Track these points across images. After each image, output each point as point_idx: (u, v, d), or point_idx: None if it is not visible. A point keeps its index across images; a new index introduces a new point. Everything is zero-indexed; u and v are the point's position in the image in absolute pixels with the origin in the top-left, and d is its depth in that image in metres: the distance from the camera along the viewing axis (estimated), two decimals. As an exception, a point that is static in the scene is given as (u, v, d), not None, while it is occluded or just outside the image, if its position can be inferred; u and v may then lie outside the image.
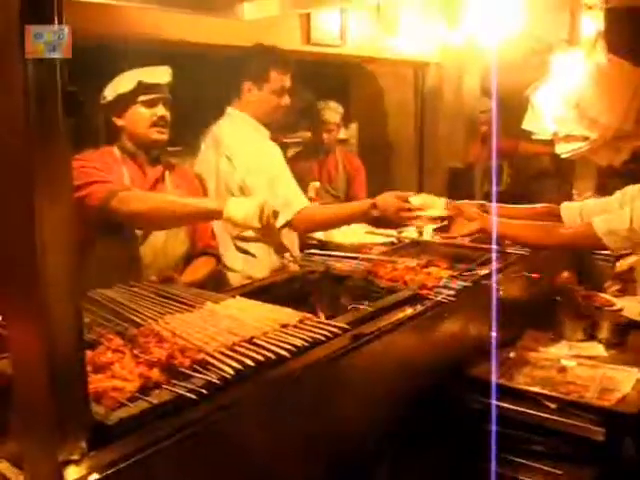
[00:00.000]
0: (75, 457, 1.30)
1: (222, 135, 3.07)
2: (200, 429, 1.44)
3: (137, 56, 2.71)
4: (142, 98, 2.61)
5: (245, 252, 3.05)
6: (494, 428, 2.25)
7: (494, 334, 2.43)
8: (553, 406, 2.23)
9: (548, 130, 3.84)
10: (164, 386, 1.50)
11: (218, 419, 1.49)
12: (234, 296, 2.08)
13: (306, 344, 1.72)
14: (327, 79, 4.37)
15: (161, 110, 2.65)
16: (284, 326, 1.82)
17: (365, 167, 4.57)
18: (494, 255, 2.71)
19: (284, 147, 4.97)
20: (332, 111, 4.40)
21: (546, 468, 2.21)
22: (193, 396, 1.46)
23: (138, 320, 1.86)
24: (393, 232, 3.32)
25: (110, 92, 2.63)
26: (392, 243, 3.29)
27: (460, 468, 2.24)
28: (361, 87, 4.89)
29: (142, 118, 2.63)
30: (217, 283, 2.75)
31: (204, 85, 3.39)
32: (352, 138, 5.05)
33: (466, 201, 3.08)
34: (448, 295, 2.25)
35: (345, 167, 4.58)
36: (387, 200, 2.71)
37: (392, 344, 2.03)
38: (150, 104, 2.63)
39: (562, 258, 3.19)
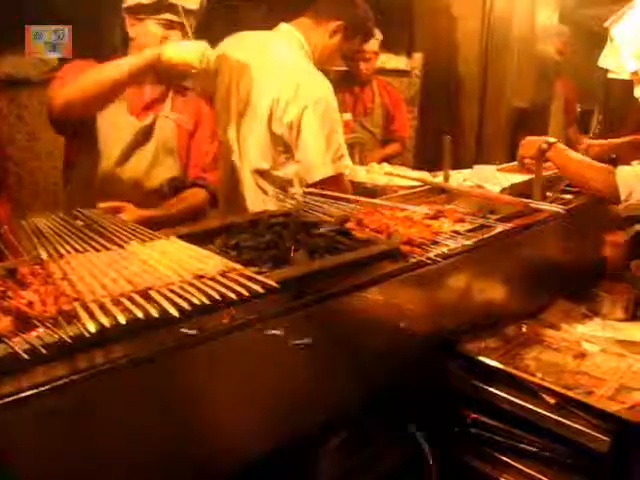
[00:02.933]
0: None
1: (273, 51, 2.81)
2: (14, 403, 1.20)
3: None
4: (159, 16, 2.38)
5: (264, 192, 2.79)
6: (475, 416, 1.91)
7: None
8: (552, 401, 1.85)
9: (627, 68, 3.25)
10: (4, 339, 1.27)
11: (42, 393, 1.23)
12: (169, 237, 1.81)
13: (207, 303, 1.43)
14: (387, 2, 3.92)
15: (177, 35, 2.41)
16: (199, 277, 1.53)
17: (429, 101, 4.13)
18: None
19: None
20: None
21: (531, 472, 1.85)
22: (26, 357, 1.22)
23: (42, 255, 1.64)
24: (417, 174, 2.94)
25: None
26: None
27: (434, 457, 1.92)
28: (427, 13, 4.37)
29: (153, 37, 2.41)
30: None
31: None
32: (415, 69, 4.57)
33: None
34: (436, 255, 1.88)
35: (383, 100, 4.15)
36: None
37: (342, 310, 1.71)
38: (166, 25, 2.40)
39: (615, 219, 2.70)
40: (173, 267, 1.58)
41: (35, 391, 1.22)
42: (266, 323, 1.52)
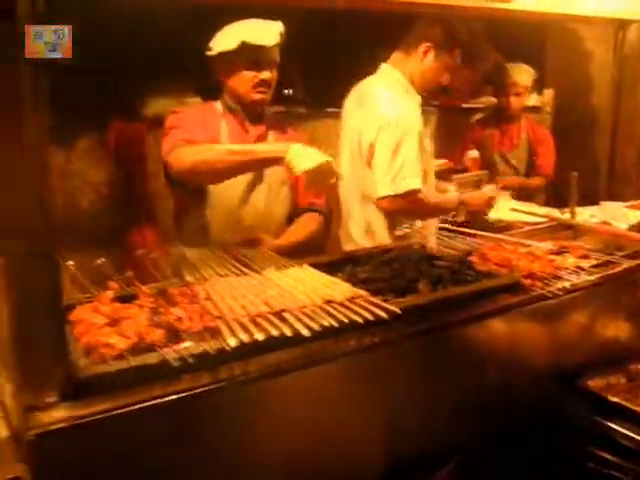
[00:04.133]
0: (43, 403, 1.30)
1: (368, 91, 2.92)
2: (170, 403, 1.37)
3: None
4: (245, 60, 2.51)
5: (370, 229, 2.89)
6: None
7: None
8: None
9: None
10: (157, 349, 1.45)
11: (190, 397, 1.39)
12: (301, 265, 1.96)
13: (336, 325, 1.56)
14: (520, 40, 3.96)
15: (265, 74, 2.53)
16: (328, 302, 1.67)
17: (560, 136, 4.10)
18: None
19: (467, 113, 4.67)
20: (523, 73, 4.01)
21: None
22: (175, 364, 1.39)
23: (189, 279, 1.83)
24: (544, 210, 2.94)
25: (214, 46, 2.57)
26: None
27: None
28: (559, 50, 4.36)
29: (244, 79, 2.54)
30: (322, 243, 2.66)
31: (353, 43, 3.26)
32: (546, 105, 4.55)
33: None
34: (557, 289, 1.92)
35: (529, 136, 4.15)
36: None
37: (462, 339, 1.78)
38: (253, 65, 2.52)
39: None
40: (305, 292, 1.72)
41: (181, 395, 1.39)
42: (389, 347, 1.63)
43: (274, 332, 1.51)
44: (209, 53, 2.58)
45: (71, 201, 3.16)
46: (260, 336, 1.49)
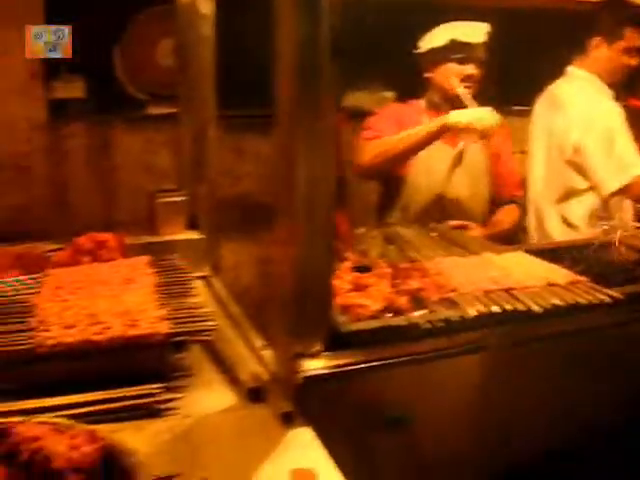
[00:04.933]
0: (310, 352, 1.49)
1: (560, 95, 2.97)
2: (419, 359, 1.52)
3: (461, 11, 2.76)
4: (453, 56, 2.68)
5: (568, 224, 2.94)
6: None
7: None
8: None
9: None
10: (405, 312, 1.61)
11: (440, 356, 1.55)
12: (516, 250, 2.07)
13: (564, 305, 1.66)
14: None
15: (470, 69, 2.68)
16: (551, 285, 1.77)
17: None
18: None
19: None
20: None
21: None
22: (428, 326, 1.54)
23: (413, 256, 1.99)
24: None
25: (424, 44, 2.75)
26: None
27: None
28: None
29: (450, 74, 2.70)
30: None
31: (538, 43, 3.30)
32: None
33: None
34: None
35: None
36: None
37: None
38: (460, 62, 2.68)
39: None
40: (526, 274, 1.83)
41: (427, 355, 1.55)
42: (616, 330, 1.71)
43: (507, 306, 1.63)
44: (418, 51, 2.78)
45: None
46: (496, 308, 1.62)
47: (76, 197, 3.19)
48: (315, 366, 1.49)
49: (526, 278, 1.80)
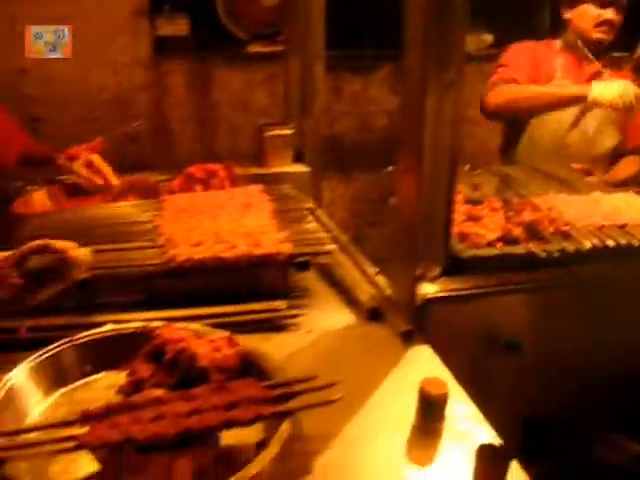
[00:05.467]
0: (429, 276, 1.55)
1: None
2: (534, 287, 1.56)
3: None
4: None
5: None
6: None
7: None
8: None
9: None
10: (521, 242, 1.64)
11: (556, 285, 1.57)
12: (627, 191, 2.06)
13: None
14: None
15: (609, 13, 2.63)
16: (668, 223, 1.76)
17: None
18: None
19: None
20: None
21: None
22: (544, 255, 1.57)
23: (523, 192, 2.00)
24: None
25: None
26: None
27: None
28: None
29: (588, 17, 2.67)
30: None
31: None
32: None
33: None
34: None
35: None
36: None
37: None
38: (600, 5, 2.63)
39: None
40: (638, 212, 1.83)
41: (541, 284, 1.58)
42: None
43: (622, 241, 1.64)
44: None
45: (367, 126, 3.46)
46: (611, 242, 1.63)
47: (177, 131, 3.30)
48: (434, 289, 1.54)
49: (638, 216, 1.79)
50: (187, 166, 2.22)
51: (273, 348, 1.32)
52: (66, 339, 1.31)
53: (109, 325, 1.38)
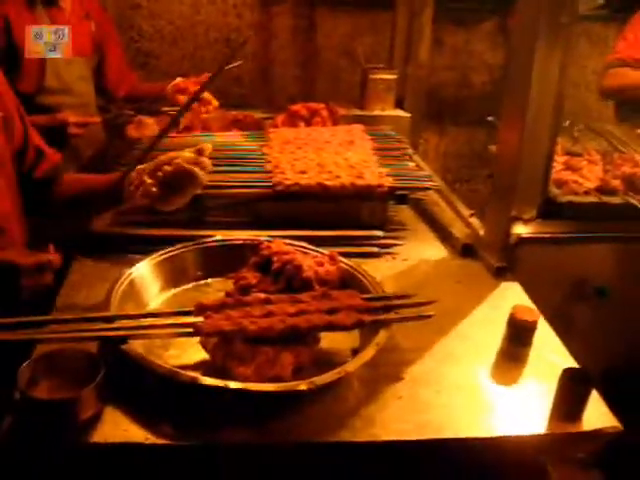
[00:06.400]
0: (524, 217, 1.59)
1: None
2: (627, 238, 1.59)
3: None
4: None
5: None
6: None
7: None
8: None
9: None
10: (619, 193, 1.66)
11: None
12: None
13: None
14: None
15: None
16: None
17: None
18: None
19: None
20: None
21: None
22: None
23: (623, 149, 2.01)
24: None
25: None
26: None
27: None
28: None
29: None
30: None
31: None
32: None
33: None
34: None
35: None
36: None
37: None
38: None
39: None
40: None
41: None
42: None
43: None
44: None
45: (466, 80, 3.45)
46: None
47: (280, 72, 3.38)
48: (528, 230, 1.59)
49: None
50: (289, 106, 2.30)
51: (371, 270, 1.40)
52: (181, 244, 1.43)
53: (219, 236, 1.50)
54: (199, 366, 1.14)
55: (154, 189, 1.43)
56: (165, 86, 2.51)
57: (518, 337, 1.23)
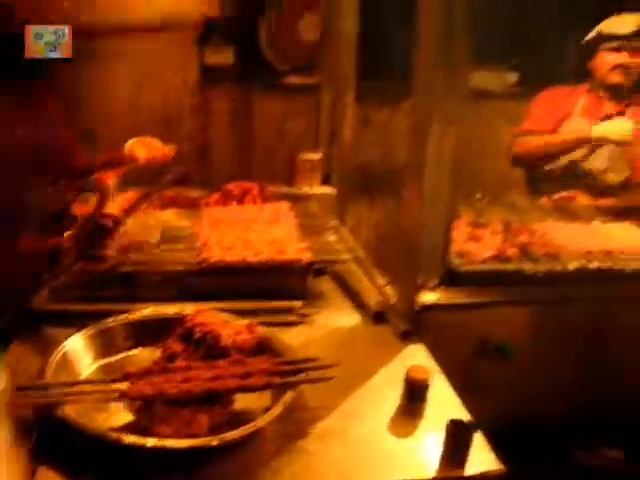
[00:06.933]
0: (429, 285, 1.76)
1: None
2: (522, 302, 1.76)
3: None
4: (603, 46, 2.86)
5: None
6: None
7: None
8: None
9: None
10: (514, 261, 1.85)
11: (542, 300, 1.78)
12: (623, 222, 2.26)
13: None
14: None
15: (623, 57, 2.84)
16: (649, 251, 1.96)
17: None
18: None
19: None
20: None
21: None
22: (531, 272, 1.78)
23: (525, 219, 2.22)
24: None
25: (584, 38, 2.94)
26: None
27: None
28: None
29: (604, 63, 2.89)
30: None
31: None
32: None
33: None
34: None
35: None
36: None
37: None
38: (614, 50, 2.84)
39: None
40: (629, 241, 2.02)
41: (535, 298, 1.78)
42: None
43: (606, 264, 1.84)
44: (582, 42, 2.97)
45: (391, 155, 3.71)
46: (595, 265, 1.83)
47: (217, 153, 3.57)
48: (432, 297, 1.75)
49: (628, 244, 1.99)
50: (225, 184, 2.47)
51: (288, 338, 1.54)
52: (113, 318, 1.56)
53: (150, 308, 1.63)
54: (126, 427, 1.26)
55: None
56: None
57: (413, 394, 1.38)
